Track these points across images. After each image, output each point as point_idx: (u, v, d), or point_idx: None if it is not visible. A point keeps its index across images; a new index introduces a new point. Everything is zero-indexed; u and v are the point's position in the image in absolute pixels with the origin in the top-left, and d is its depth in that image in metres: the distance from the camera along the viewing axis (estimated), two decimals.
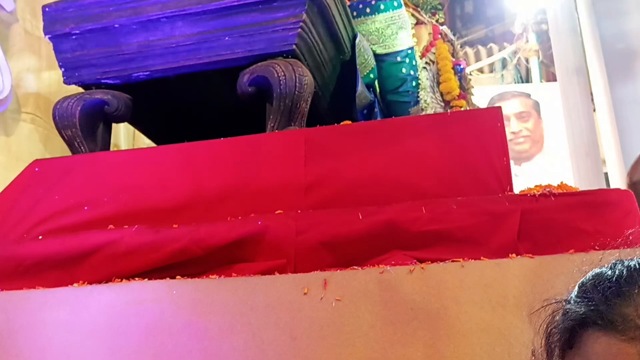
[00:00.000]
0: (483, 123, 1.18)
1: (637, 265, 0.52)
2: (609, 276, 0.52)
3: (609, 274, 0.53)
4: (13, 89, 1.76)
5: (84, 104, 1.58)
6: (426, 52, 2.00)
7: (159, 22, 1.54)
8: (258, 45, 1.50)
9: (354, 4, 1.89)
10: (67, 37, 1.60)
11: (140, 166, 1.33)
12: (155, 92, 1.66)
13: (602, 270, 0.54)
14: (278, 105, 1.44)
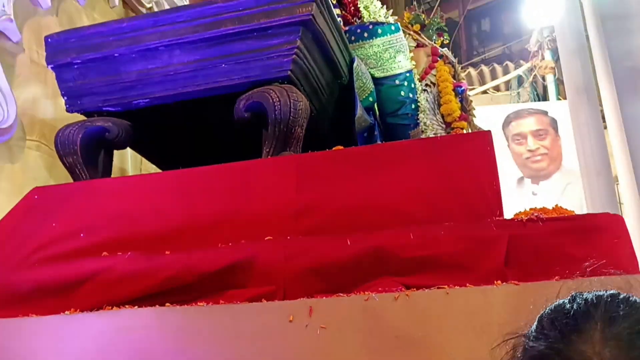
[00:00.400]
0: (473, 147, 1.18)
1: (594, 299, 0.52)
2: (567, 310, 0.52)
3: (567, 308, 0.52)
4: (18, 117, 1.80)
5: (85, 132, 1.61)
6: (425, 74, 2.00)
7: (158, 50, 1.57)
8: (254, 72, 1.52)
9: (352, 28, 1.91)
10: (69, 66, 1.64)
11: (135, 193, 1.35)
12: (155, 118, 1.68)
13: (561, 304, 0.53)
14: (273, 131, 1.45)
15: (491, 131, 1.18)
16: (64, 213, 1.35)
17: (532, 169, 6.56)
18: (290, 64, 1.49)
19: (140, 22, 1.57)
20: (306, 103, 1.49)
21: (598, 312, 0.49)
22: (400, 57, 1.86)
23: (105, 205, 1.34)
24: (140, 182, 1.42)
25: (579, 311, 0.50)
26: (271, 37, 1.50)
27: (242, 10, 1.49)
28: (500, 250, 0.99)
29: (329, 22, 1.56)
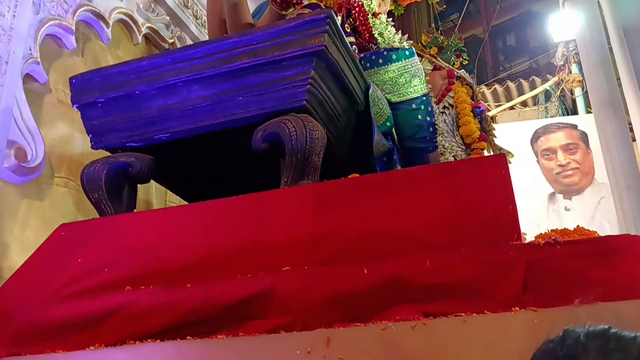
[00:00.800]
0: (488, 171, 1.17)
1: (584, 340, 0.51)
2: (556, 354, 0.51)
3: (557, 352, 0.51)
4: (47, 155, 1.86)
5: (109, 168, 1.65)
6: (442, 97, 2.00)
7: (176, 86, 1.61)
8: (270, 103, 1.54)
9: (367, 55, 1.93)
10: (93, 105, 1.69)
11: (157, 227, 1.38)
12: (176, 151, 1.72)
13: (550, 347, 0.53)
14: (291, 160, 1.47)
15: (505, 154, 1.17)
16: (89, 249, 1.39)
17: (563, 184, 6.42)
18: (305, 94, 1.51)
19: (159, 60, 1.62)
20: (322, 132, 1.51)
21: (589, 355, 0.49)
22: (415, 81, 1.87)
23: (128, 240, 1.37)
24: (161, 216, 1.45)
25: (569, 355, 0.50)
26: (285, 69, 1.52)
27: (256, 44, 1.52)
28: (517, 276, 0.98)
29: (342, 51, 1.59)
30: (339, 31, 1.54)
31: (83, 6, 2.16)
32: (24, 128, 1.75)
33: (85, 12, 2.18)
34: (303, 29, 1.49)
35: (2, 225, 1.69)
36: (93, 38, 2.28)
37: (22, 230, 1.76)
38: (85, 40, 2.23)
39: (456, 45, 4.34)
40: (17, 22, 1.77)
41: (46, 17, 1.95)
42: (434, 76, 2.03)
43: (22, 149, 1.73)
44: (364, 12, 2.00)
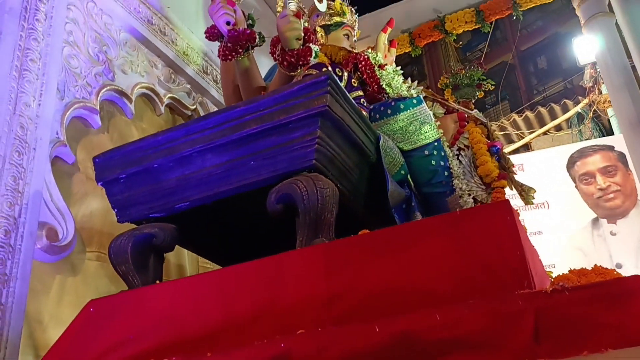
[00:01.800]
0: (493, 218, 1.17)
1: None
2: None
3: None
4: (77, 232, 1.95)
5: (134, 240, 1.71)
6: (455, 140, 2.01)
7: (191, 157, 1.68)
8: (281, 165, 1.59)
9: (376, 106, 1.97)
10: (116, 181, 1.77)
11: (178, 297, 1.41)
12: (198, 217, 1.77)
13: None
14: (304, 220, 1.50)
15: (509, 200, 1.17)
16: (115, 323, 1.43)
17: (606, 208, 6.22)
18: (314, 153, 1.55)
19: (173, 133, 1.69)
20: (333, 188, 1.54)
21: None
22: (426, 128, 1.88)
23: (152, 312, 1.41)
24: (182, 286, 1.49)
25: None
26: (292, 131, 1.57)
27: (263, 110, 1.58)
28: (527, 325, 0.97)
29: (347, 108, 1.62)
30: (341, 90, 1.59)
31: (106, 86, 2.28)
32: (54, 209, 1.84)
33: (108, 92, 2.30)
34: (306, 92, 1.54)
35: (37, 304, 1.76)
36: (117, 114, 2.40)
37: (57, 307, 1.82)
38: (110, 117, 2.35)
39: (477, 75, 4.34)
40: (42, 109, 1.88)
41: (71, 101, 2.08)
42: (446, 120, 2.04)
43: (53, 228, 1.82)
44: (370, 65, 2.05)
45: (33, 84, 1.87)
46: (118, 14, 2.48)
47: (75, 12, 2.23)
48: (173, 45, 2.80)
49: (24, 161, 1.76)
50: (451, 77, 4.50)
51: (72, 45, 2.16)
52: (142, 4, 2.63)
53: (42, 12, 2.00)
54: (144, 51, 2.63)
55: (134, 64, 2.52)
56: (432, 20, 4.60)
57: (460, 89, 4.44)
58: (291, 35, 1.89)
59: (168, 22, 2.79)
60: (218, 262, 2.31)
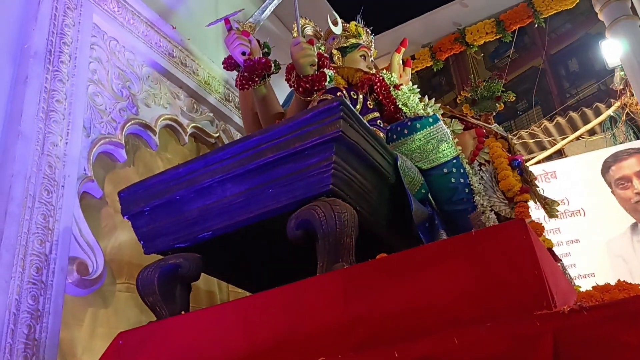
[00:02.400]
0: (508, 238, 1.16)
1: None
2: None
3: None
4: (107, 265, 2.00)
5: (161, 271, 1.75)
6: (474, 156, 2.00)
7: (212, 187, 1.71)
8: (299, 191, 1.61)
9: (393, 127, 1.98)
10: (141, 214, 1.82)
11: (203, 327, 1.44)
12: (222, 245, 1.80)
13: None
14: (324, 245, 1.51)
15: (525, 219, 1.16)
16: (144, 355, 1.47)
17: None
18: (331, 178, 1.56)
19: (193, 165, 1.73)
20: (352, 212, 1.54)
21: None
22: (443, 146, 1.88)
23: (178, 342, 1.44)
24: (206, 316, 1.51)
25: None
26: (308, 157, 1.59)
27: (278, 138, 1.61)
28: (546, 347, 0.95)
29: (361, 132, 1.64)
30: (354, 114, 1.61)
31: (130, 120, 2.35)
32: (84, 243, 1.89)
33: (133, 126, 2.37)
34: (319, 119, 1.56)
35: (70, 337, 1.81)
36: (142, 147, 2.46)
37: (90, 339, 1.87)
38: (135, 150, 2.42)
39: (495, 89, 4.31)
40: (69, 148, 1.95)
41: (97, 137, 2.14)
42: (464, 137, 2.04)
43: (84, 263, 1.87)
44: (385, 86, 2.06)
45: (60, 124, 1.94)
46: (140, 49, 2.56)
47: (99, 51, 2.32)
48: (194, 76, 2.87)
49: (53, 199, 1.82)
50: (470, 91, 4.48)
51: (97, 83, 2.24)
52: (163, 38, 2.71)
53: (67, 54, 2.08)
54: (166, 83, 2.70)
55: (156, 97, 2.59)
56: (452, 33, 4.59)
57: (479, 103, 4.41)
58: (305, 62, 1.92)
59: (189, 54, 2.86)
60: (245, 287, 2.34)
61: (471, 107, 4.57)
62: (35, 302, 1.63)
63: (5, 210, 1.65)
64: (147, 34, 2.61)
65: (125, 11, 2.50)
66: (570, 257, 5.72)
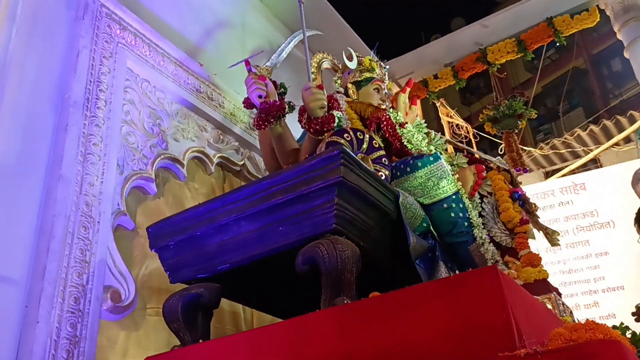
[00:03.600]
0: (481, 284, 1.29)
1: None
2: None
3: None
4: (138, 291, 2.20)
5: (184, 300, 1.94)
6: (474, 191, 2.13)
7: (229, 225, 1.89)
8: (306, 229, 1.77)
9: (397, 164, 2.13)
10: (167, 248, 2.02)
11: (217, 356, 1.61)
12: (239, 275, 1.98)
13: None
14: (326, 280, 1.67)
15: (497, 265, 1.29)
16: None
17: None
18: (334, 218, 1.72)
19: (212, 205, 1.91)
20: (353, 249, 1.70)
21: None
22: (443, 183, 2.02)
23: None
24: (220, 345, 1.68)
25: None
26: (314, 199, 1.75)
27: (286, 182, 1.78)
28: None
29: (362, 174, 1.79)
30: (354, 160, 1.76)
31: (160, 155, 2.56)
32: (117, 273, 2.10)
33: (163, 160, 2.58)
34: (322, 165, 1.72)
35: (105, 358, 2.02)
36: (171, 179, 2.67)
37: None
38: (165, 182, 2.63)
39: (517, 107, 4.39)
40: (104, 186, 2.17)
41: (129, 173, 2.36)
42: (464, 172, 2.17)
43: (117, 291, 2.08)
44: (391, 124, 2.21)
45: (96, 165, 2.16)
46: (169, 88, 2.78)
47: (132, 93, 2.54)
48: (220, 109, 3.07)
49: (90, 234, 2.03)
50: (492, 109, 4.57)
51: (130, 123, 2.46)
52: (191, 75, 2.92)
53: (102, 100, 2.30)
54: (193, 118, 2.91)
55: (185, 131, 2.80)
56: (473, 52, 4.69)
57: (501, 121, 4.50)
58: (314, 105, 2.09)
59: (215, 88, 3.06)
60: (265, 310, 2.52)
61: (493, 125, 4.67)
62: (74, 329, 1.84)
63: (48, 248, 1.87)
64: (176, 73, 2.83)
65: (156, 54, 2.72)
66: (599, 269, 5.70)
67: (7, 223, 1.84)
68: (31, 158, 2.00)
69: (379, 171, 2.04)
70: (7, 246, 1.82)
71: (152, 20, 2.87)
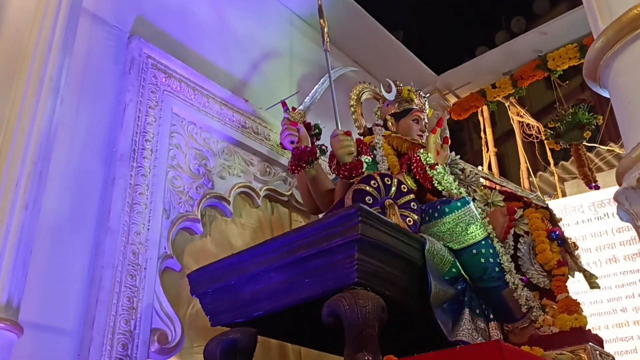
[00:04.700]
0: (485, 356, 1.30)
1: None
2: None
3: None
4: (185, 330, 2.33)
5: (222, 346, 2.05)
6: (506, 234, 2.08)
7: (259, 275, 1.98)
8: (330, 282, 1.82)
9: (426, 208, 2.12)
10: (206, 294, 2.13)
11: None
12: (274, 320, 2.06)
13: None
14: (349, 334, 1.71)
15: (500, 340, 1.28)
16: None
17: None
18: (355, 272, 1.76)
19: (242, 256, 2.00)
20: (375, 303, 1.72)
21: None
22: (472, 229, 2.00)
23: None
24: None
25: None
26: (335, 254, 1.80)
27: (309, 237, 1.83)
28: None
29: (382, 228, 1.81)
30: (373, 215, 1.79)
31: (206, 195, 2.69)
32: (164, 315, 2.24)
33: (209, 200, 2.71)
34: (341, 222, 1.76)
35: None
36: (218, 217, 2.80)
37: None
38: (211, 221, 2.75)
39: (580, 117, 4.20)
40: (151, 233, 2.31)
41: (176, 217, 2.50)
42: (496, 215, 2.13)
43: (164, 333, 2.22)
44: (421, 166, 2.21)
45: (142, 214, 2.31)
46: (215, 127, 2.90)
47: (178, 137, 2.68)
48: (267, 142, 3.16)
49: (137, 281, 2.18)
50: (556, 121, 4.37)
51: (176, 167, 2.60)
52: (236, 113, 3.03)
53: (149, 149, 2.45)
54: (240, 153, 3.02)
55: (231, 168, 2.91)
56: (532, 60, 4.52)
57: (565, 134, 4.31)
58: (342, 152, 2.13)
59: (261, 121, 3.16)
60: (308, 346, 2.59)
61: (556, 142, 4.48)
62: None
63: (97, 299, 2.03)
64: (221, 112, 2.95)
65: (201, 96, 2.85)
66: None
67: (60, 276, 2.02)
68: (82, 212, 2.18)
69: (407, 217, 2.05)
70: (60, 298, 2.00)
71: (198, 61, 3.00)
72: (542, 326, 1.95)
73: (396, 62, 4.53)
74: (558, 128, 4.26)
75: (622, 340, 5.37)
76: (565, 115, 4.27)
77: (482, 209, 2.18)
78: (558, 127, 4.27)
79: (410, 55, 4.60)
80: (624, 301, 5.52)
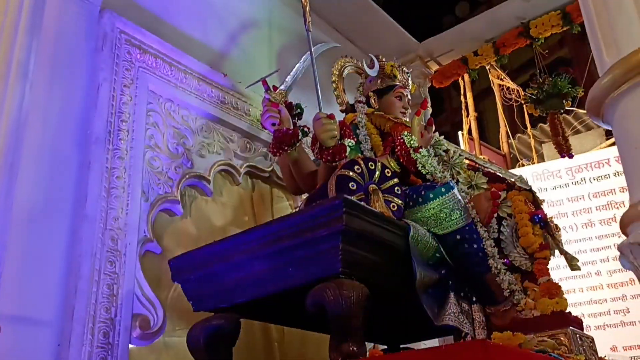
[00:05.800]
0: (470, 356, 1.30)
1: None
2: None
3: None
4: (167, 314, 2.30)
5: (206, 331, 2.04)
6: (489, 219, 2.08)
7: (242, 263, 1.95)
8: (314, 271, 1.80)
9: (410, 192, 2.10)
10: (188, 281, 2.11)
11: None
12: (257, 306, 2.06)
13: None
14: (334, 324, 1.71)
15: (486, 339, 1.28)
16: None
17: None
18: (340, 262, 1.74)
19: (226, 244, 1.97)
20: (360, 292, 1.71)
21: None
22: (455, 215, 1.99)
23: None
24: None
25: None
26: (319, 244, 1.78)
27: (293, 227, 1.81)
28: None
29: (366, 218, 1.79)
30: (357, 206, 1.76)
31: (186, 175, 2.63)
32: (145, 300, 2.21)
33: (188, 179, 2.65)
34: (325, 213, 1.73)
35: None
36: (198, 196, 2.75)
37: None
38: (192, 201, 2.70)
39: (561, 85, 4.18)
40: (130, 217, 2.26)
41: (155, 198, 2.44)
42: (479, 199, 2.12)
43: (146, 318, 2.19)
44: (405, 149, 2.18)
45: (120, 198, 2.25)
46: (193, 104, 2.81)
47: (155, 116, 2.60)
48: (247, 117, 3.08)
49: (117, 268, 2.14)
50: (535, 88, 4.36)
51: (153, 147, 2.53)
52: (215, 88, 2.95)
53: (125, 130, 2.37)
54: (219, 130, 2.95)
55: (210, 146, 2.85)
56: (515, 27, 4.46)
57: (545, 102, 4.30)
58: (325, 136, 2.08)
59: (240, 96, 3.08)
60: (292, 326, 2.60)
61: (536, 107, 4.47)
62: None
63: (76, 288, 1.99)
64: (199, 88, 2.86)
65: (177, 72, 2.76)
66: None
67: (37, 267, 1.97)
68: (57, 200, 2.11)
69: (390, 202, 2.03)
70: (38, 289, 1.95)
71: (174, 35, 2.89)
72: (523, 309, 1.98)
73: (378, 30, 4.43)
74: (538, 94, 4.25)
75: (596, 303, 5.55)
76: (545, 82, 4.25)
77: (466, 191, 2.17)
78: (537, 94, 4.26)
79: (392, 22, 4.50)
80: (599, 264, 5.68)
